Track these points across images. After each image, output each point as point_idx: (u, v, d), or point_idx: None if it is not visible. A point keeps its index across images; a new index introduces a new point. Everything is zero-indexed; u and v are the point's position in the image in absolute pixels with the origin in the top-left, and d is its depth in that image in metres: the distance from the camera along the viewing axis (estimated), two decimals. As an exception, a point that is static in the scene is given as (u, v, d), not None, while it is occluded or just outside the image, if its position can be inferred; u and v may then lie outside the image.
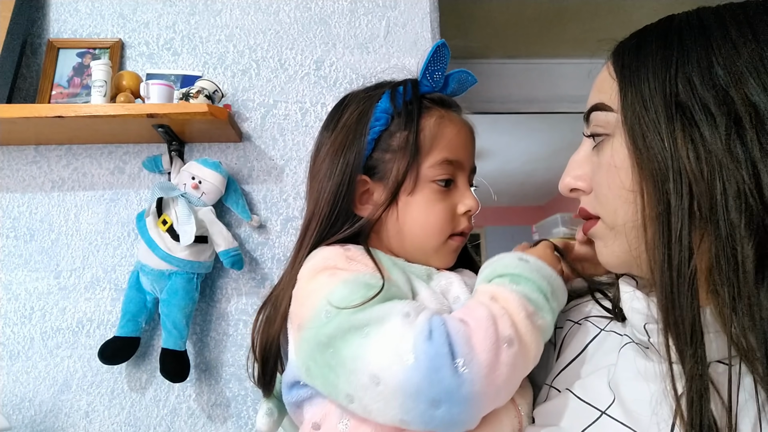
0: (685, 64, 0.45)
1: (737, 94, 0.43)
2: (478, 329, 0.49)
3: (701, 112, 0.44)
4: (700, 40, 0.46)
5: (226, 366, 1.20)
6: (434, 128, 0.66)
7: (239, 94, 1.29)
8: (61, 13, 1.31)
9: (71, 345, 1.19)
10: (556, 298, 0.56)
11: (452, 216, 0.66)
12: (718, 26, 0.46)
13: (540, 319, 0.53)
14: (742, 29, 0.45)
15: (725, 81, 0.43)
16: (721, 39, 0.45)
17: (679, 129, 0.44)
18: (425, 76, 0.68)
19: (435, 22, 1.35)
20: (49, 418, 1.16)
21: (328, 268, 0.58)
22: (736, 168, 0.41)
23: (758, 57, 0.43)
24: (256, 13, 1.33)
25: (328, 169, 0.67)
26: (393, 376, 0.48)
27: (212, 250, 1.16)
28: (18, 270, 1.21)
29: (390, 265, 0.61)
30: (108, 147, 1.26)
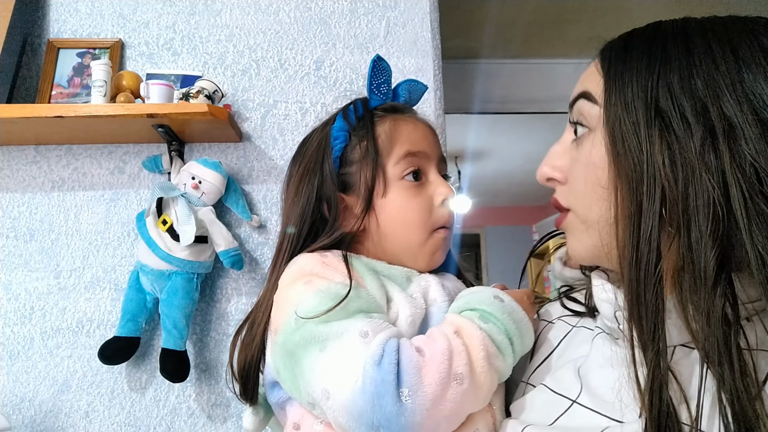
0: (667, 72, 0.47)
1: (713, 107, 0.44)
2: (432, 362, 0.50)
3: (679, 119, 0.45)
4: (683, 50, 0.47)
5: (226, 366, 1.19)
6: (389, 130, 0.68)
7: (239, 94, 1.29)
8: (61, 13, 1.31)
9: (71, 345, 1.19)
10: (521, 342, 0.57)
11: (430, 209, 0.67)
12: (702, 39, 0.47)
13: (499, 361, 0.54)
14: (723, 45, 0.46)
15: (703, 92, 0.45)
16: (702, 52, 0.46)
17: (657, 134, 0.46)
18: (372, 91, 0.71)
19: (435, 22, 1.35)
20: (49, 418, 1.16)
21: (305, 275, 0.60)
22: (708, 177, 0.43)
23: (735, 73, 0.45)
24: (256, 13, 1.33)
25: (294, 194, 0.70)
26: (340, 394, 0.50)
27: (212, 250, 1.16)
28: (18, 270, 1.21)
29: (365, 271, 0.62)
30: (108, 147, 1.26)
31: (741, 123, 0.43)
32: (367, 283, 0.61)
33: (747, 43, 0.46)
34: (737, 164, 0.43)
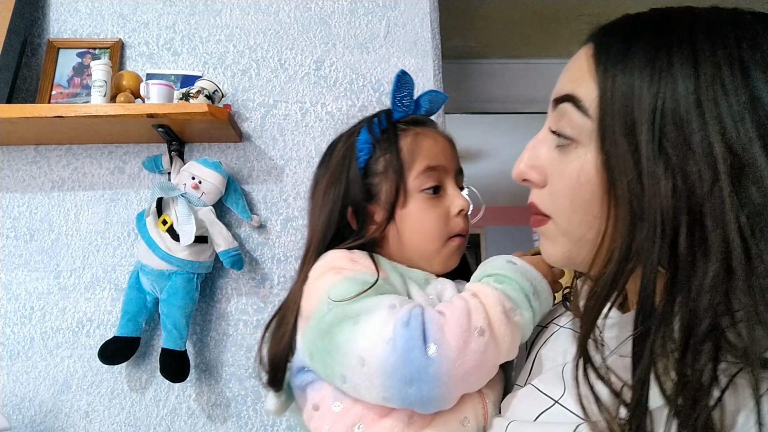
0: (673, 93, 0.41)
1: (719, 139, 0.39)
2: (452, 318, 0.55)
3: (686, 153, 0.40)
4: (691, 65, 0.41)
5: (226, 366, 1.20)
6: (411, 144, 0.72)
7: (239, 94, 1.29)
8: (61, 13, 1.31)
9: (71, 345, 1.19)
10: (538, 299, 0.60)
11: (446, 219, 0.72)
12: (710, 50, 0.41)
13: (517, 315, 0.57)
14: (731, 57, 0.40)
15: (709, 121, 0.40)
16: (710, 68, 0.41)
17: (662, 169, 0.41)
18: (395, 104, 0.75)
19: (435, 22, 1.35)
20: (49, 418, 1.16)
21: (334, 268, 0.65)
22: (713, 224, 0.39)
23: (744, 95, 0.39)
24: (256, 13, 1.33)
25: (321, 201, 0.74)
26: (375, 357, 0.54)
27: (212, 250, 1.16)
28: (18, 270, 1.21)
29: (389, 268, 0.68)
30: (108, 147, 1.26)
31: (747, 158, 0.38)
32: (390, 278, 0.66)
33: (757, 54, 0.40)
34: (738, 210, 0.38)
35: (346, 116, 1.29)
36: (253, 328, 1.21)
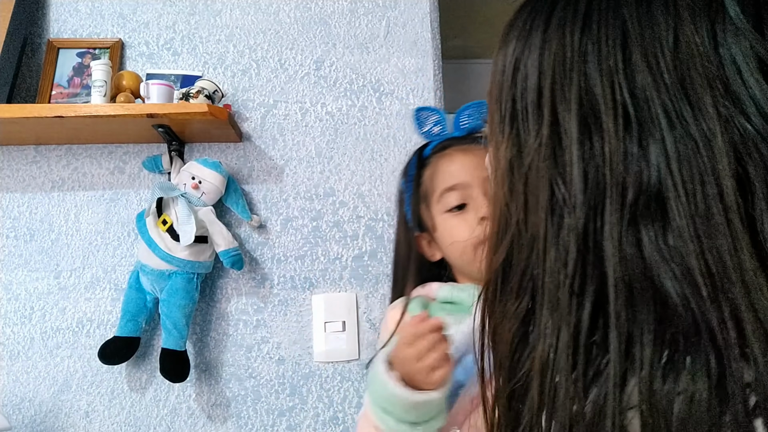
0: (525, 58, 0.40)
1: (546, 102, 0.37)
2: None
3: (523, 123, 0.39)
4: (541, 24, 0.39)
5: (226, 366, 1.20)
6: (431, 174, 0.78)
7: (239, 94, 1.29)
8: (61, 13, 1.31)
9: (71, 345, 1.19)
10: (396, 411, 0.59)
11: (473, 227, 0.74)
12: (563, 6, 0.38)
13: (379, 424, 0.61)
14: (576, 12, 0.37)
15: (543, 84, 0.38)
16: (556, 24, 0.38)
17: (506, 141, 0.40)
18: (424, 136, 0.81)
19: (435, 22, 1.35)
20: (49, 418, 1.16)
21: (381, 329, 0.78)
22: (529, 205, 0.38)
23: (579, 55, 0.36)
24: (256, 13, 1.33)
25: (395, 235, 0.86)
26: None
27: (212, 250, 1.16)
28: (18, 270, 1.21)
29: (418, 311, 0.73)
30: (108, 147, 1.26)
31: (564, 130, 0.35)
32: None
33: (602, 6, 0.36)
34: (549, 193, 0.36)
35: (346, 116, 1.29)
36: (253, 328, 1.21)
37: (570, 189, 0.34)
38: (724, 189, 0.30)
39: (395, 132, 1.29)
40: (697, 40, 0.33)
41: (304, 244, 1.24)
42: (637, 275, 0.32)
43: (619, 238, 0.32)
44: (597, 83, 0.34)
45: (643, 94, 0.33)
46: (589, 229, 0.33)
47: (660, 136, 0.32)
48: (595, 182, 0.33)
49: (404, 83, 1.31)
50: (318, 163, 1.27)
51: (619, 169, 0.33)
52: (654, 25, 0.34)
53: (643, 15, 0.34)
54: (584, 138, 0.34)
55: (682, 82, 0.32)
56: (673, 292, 0.31)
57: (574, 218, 0.34)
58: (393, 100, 1.30)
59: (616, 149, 0.33)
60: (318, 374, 1.20)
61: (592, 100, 0.34)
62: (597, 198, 0.33)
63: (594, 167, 0.34)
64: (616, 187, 0.33)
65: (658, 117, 0.32)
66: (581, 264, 0.34)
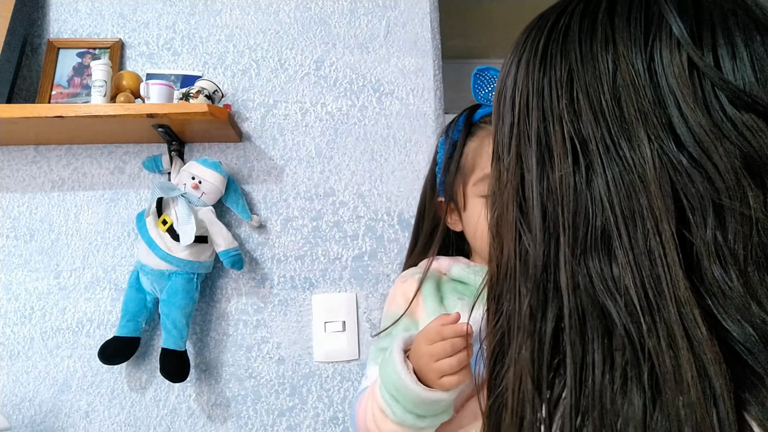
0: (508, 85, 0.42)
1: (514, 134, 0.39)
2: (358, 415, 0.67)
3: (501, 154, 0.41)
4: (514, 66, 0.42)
5: (226, 366, 1.20)
6: (475, 150, 0.73)
7: (239, 94, 1.29)
8: (61, 13, 1.31)
9: (71, 345, 1.19)
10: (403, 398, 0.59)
11: None
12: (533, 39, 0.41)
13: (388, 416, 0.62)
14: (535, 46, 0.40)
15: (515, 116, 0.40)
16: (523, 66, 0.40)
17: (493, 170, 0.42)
18: (478, 100, 0.75)
19: (435, 22, 1.35)
20: (49, 418, 1.16)
21: (388, 297, 0.78)
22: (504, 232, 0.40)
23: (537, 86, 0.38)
24: (256, 13, 1.33)
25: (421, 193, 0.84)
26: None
27: (212, 250, 1.16)
28: (18, 270, 1.21)
29: (430, 292, 0.73)
30: (108, 147, 1.26)
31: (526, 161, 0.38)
32: (425, 311, 0.72)
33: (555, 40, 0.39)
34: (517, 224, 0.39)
35: (346, 116, 1.29)
36: (253, 328, 1.21)
37: (531, 223, 0.36)
38: (659, 223, 0.31)
39: (395, 132, 1.29)
40: (632, 71, 0.33)
41: (304, 244, 1.24)
42: (588, 305, 0.33)
43: (572, 270, 0.34)
44: (550, 122, 0.36)
45: (587, 131, 0.34)
46: (547, 261, 0.35)
47: (602, 171, 0.33)
48: (553, 217, 0.35)
49: (404, 83, 1.31)
50: (318, 163, 1.27)
51: (571, 205, 0.34)
52: (595, 62, 0.35)
53: (585, 53, 0.35)
54: (542, 175, 0.36)
55: (621, 116, 0.33)
56: (618, 322, 0.32)
57: (534, 251, 0.36)
58: (393, 100, 1.30)
59: (567, 186, 0.34)
60: (318, 374, 1.20)
61: (547, 138, 0.36)
62: (552, 232, 0.35)
63: (551, 202, 0.35)
64: (569, 223, 0.34)
65: (599, 153, 0.33)
66: (542, 293, 0.35)
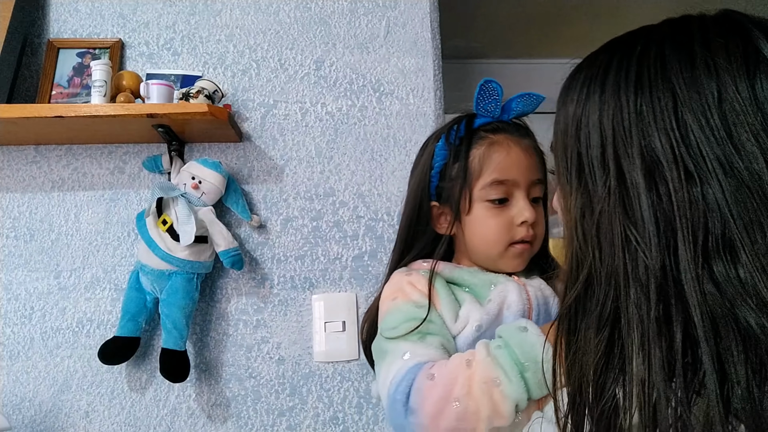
0: (587, 116, 0.44)
1: (610, 156, 0.41)
2: (436, 387, 0.62)
3: (591, 174, 0.43)
4: (599, 85, 0.44)
5: (226, 366, 1.20)
6: (483, 155, 0.76)
7: (239, 94, 1.29)
8: (61, 13, 1.31)
9: (71, 345, 1.19)
10: (535, 370, 0.61)
11: (509, 228, 0.75)
12: (615, 72, 0.43)
13: (502, 386, 0.60)
14: (629, 78, 0.43)
15: (605, 140, 0.42)
16: (612, 87, 0.43)
17: (575, 191, 0.44)
18: (479, 110, 0.78)
19: (435, 22, 1.35)
20: (49, 418, 1.16)
21: (394, 292, 0.75)
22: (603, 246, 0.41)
23: (636, 110, 0.41)
24: (256, 13, 1.33)
25: (407, 198, 0.83)
26: (382, 399, 0.67)
27: (212, 250, 1.16)
28: (18, 270, 1.21)
29: (441, 288, 0.74)
30: (108, 147, 1.26)
31: (630, 180, 0.39)
32: (441, 302, 0.72)
33: (651, 74, 0.41)
34: (623, 235, 0.40)
35: (346, 116, 1.29)
36: (253, 328, 1.21)
37: (643, 232, 0.38)
38: None
39: (395, 132, 1.29)
40: (738, 98, 0.38)
41: (304, 244, 1.24)
42: (717, 308, 0.36)
43: (696, 276, 0.36)
44: (656, 140, 0.39)
45: (697, 149, 0.38)
46: (666, 267, 0.38)
47: (718, 185, 0.37)
48: (667, 226, 0.38)
49: (404, 83, 1.31)
50: (318, 163, 1.27)
51: (687, 214, 0.37)
52: (699, 88, 0.39)
53: (688, 79, 0.39)
54: (650, 188, 0.39)
55: (730, 136, 0.37)
56: (753, 322, 0.34)
57: (651, 258, 0.38)
58: (393, 100, 1.30)
59: (682, 198, 0.37)
60: (318, 374, 1.20)
61: (652, 155, 0.39)
62: (669, 240, 0.38)
63: (662, 213, 0.38)
64: (687, 230, 0.37)
65: (714, 169, 0.37)
66: (663, 297, 0.37)
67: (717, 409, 0.35)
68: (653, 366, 0.37)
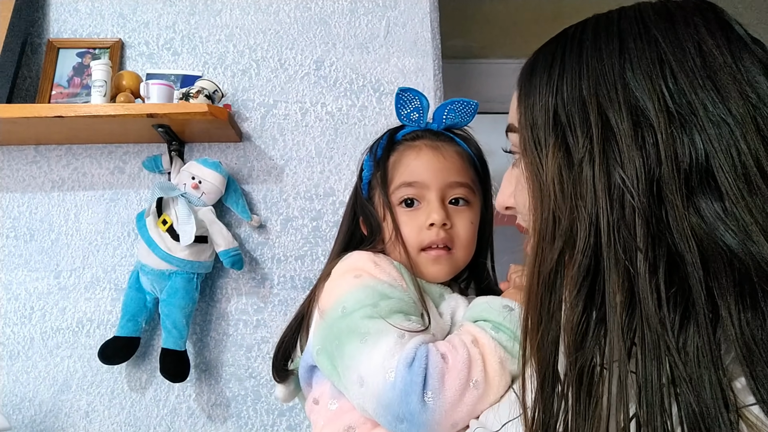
0: (562, 80, 0.45)
1: (593, 110, 0.42)
2: (454, 369, 0.57)
3: (570, 129, 0.43)
4: (577, 53, 0.46)
5: (226, 366, 1.20)
6: (395, 161, 0.76)
7: (239, 94, 1.29)
8: (61, 13, 1.31)
9: (71, 345, 1.19)
10: None
11: (418, 231, 0.73)
12: (594, 37, 0.46)
13: (512, 364, 0.59)
14: (610, 39, 0.44)
15: (587, 95, 0.43)
16: (592, 50, 0.45)
17: (551, 148, 0.44)
18: (401, 119, 0.79)
19: (435, 22, 1.35)
20: (49, 418, 1.16)
21: (356, 269, 0.68)
22: (582, 199, 0.41)
23: (618, 69, 0.43)
24: (256, 13, 1.33)
25: (344, 212, 0.83)
26: (374, 384, 0.57)
27: (212, 250, 1.16)
28: (18, 270, 1.21)
29: (409, 280, 0.69)
30: (108, 147, 1.26)
31: (617, 126, 0.41)
32: (410, 290, 0.68)
33: (636, 32, 0.44)
34: (606, 181, 0.40)
35: (346, 116, 1.29)
36: (253, 328, 1.21)
37: (629, 173, 0.40)
38: (757, 155, 0.38)
39: (395, 132, 1.29)
40: (716, 52, 0.41)
41: (304, 244, 1.24)
42: (703, 238, 0.38)
43: (682, 212, 0.39)
44: (641, 89, 0.41)
45: (683, 93, 0.40)
46: (652, 206, 0.39)
47: (701, 124, 0.39)
48: (653, 166, 0.40)
49: (404, 83, 1.31)
50: (318, 163, 1.27)
51: (672, 153, 0.39)
52: (680, 38, 0.42)
53: (670, 32, 0.43)
54: (636, 134, 0.40)
55: (713, 81, 0.40)
56: (735, 245, 0.37)
57: (638, 198, 0.39)
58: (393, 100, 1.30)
59: (667, 139, 0.40)
60: (318, 374, 1.20)
61: (637, 103, 0.41)
62: (655, 179, 0.40)
63: (647, 155, 0.40)
64: (672, 168, 0.39)
65: (697, 110, 0.40)
66: (650, 237, 0.39)
67: (709, 340, 0.36)
68: (647, 308, 0.38)
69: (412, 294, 0.67)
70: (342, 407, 0.63)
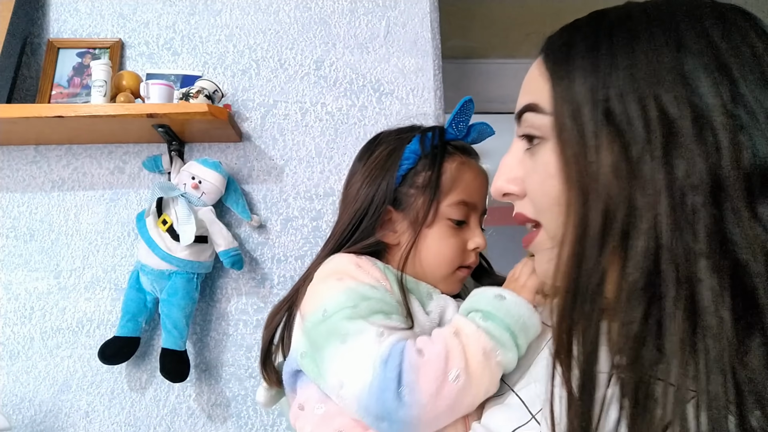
0: (613, 68, 0.44)
1: (652, 105, 0.41)
2: (429, 363, 0.56)
3: (626, 122, 0.42)
4: (628, 42, 0.44)
5: (226, 366, 1.20)
6: (455, 172, 0.74)
7: (239, 94, 1.29)
8: (61, 13, 1.31)
9: (71, 345, 1.19)
10: (525, 335, 0.60)
11: (462, 251, 0.73)
12: (646, 27, 0.44)
13: (499, 355, 0.58)
14: (667, 33, 0.43)
15: (645, 89, 0.42)
16: (646, 43, 0.43)
17: (605, 140, 0.42)
18: (451, 125, 0.76)
19: (435, 22, 1.35)
20: (49, 418, 1.16)
21: (338, 273, 0.67)
22: (644, 192, 0.40)
23: (677, 64, 0.42)
24: (256, 13, 1.33)
25: (357, 194, 0.75)
26: (352, 386, 0.57)
27: (212, 250, 1.16)
28: (18, 270, 1.21)
29: (393, 280, 0.68)
30: (108, 147, 1.26)
31: (679, 124, 0.40)
32: (394, 290, 0.67)
33: (691, 29, 0.43)
34: (668, 178, 0.39)
35: (346, 116, 1.29)
36: (253, 328, 1.21)
37: (691, 171, 0.39)
38: None
39: (395, 132, 1.29)
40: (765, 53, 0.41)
41: (304, 244, 1.24)
42: (765, 244, 0.37)
43: (742, 216, 0.38)
44: (703, 87, 0.41)
45: (742, 95, 0.40)
46: (714, 208, 0.39)
47: (761, 128, 0.39)
48: (715, 167, 0.39)
49: (404, 83, 1.31)
50: (318, 163, 1.27)
51: (734, 156, 0.39)
52: (737, 42, 0.42)
53: (725, 32, 0.43)
54: (697, 132, 0.40)
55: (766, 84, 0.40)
56: None
57: (700, 198, 0.39)
58: (393, 100, 1.30)
59: (729, 140, 0.39)
60: (318, 374, 1.20)
61: (699, 101, 0.40)
62: (717, 180, 0.39)
63: (709, 155, 0.39)
64: (734, 171, 0.38)
65: (757, 113, 0.40)
66: (713, 241, 0.38)
67: None
68: (710, 318, 0.37)
69: (396, 295, 0.66)
70: (329, 411, 0.62)
